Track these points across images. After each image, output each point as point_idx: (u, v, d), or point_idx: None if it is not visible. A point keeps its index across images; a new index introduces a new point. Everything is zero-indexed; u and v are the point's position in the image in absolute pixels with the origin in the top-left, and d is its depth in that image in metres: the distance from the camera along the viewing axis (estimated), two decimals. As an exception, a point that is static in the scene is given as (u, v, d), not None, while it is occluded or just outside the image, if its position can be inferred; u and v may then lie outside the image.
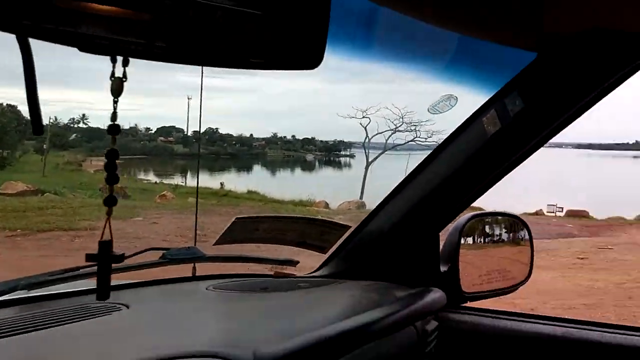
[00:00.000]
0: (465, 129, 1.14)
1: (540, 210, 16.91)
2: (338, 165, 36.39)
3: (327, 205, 16.26)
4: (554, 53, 0.97)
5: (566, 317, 1.35)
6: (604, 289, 7.83)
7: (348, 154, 35.89)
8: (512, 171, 1.16)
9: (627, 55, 0.93)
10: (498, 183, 1.18)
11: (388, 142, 21.12)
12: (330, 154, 37.65)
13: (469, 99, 1.14)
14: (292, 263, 1.43)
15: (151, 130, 35.09)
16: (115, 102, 0.52)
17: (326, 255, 1.42)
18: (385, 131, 20.84)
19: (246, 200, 16.66)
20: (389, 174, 13.79)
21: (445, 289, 1.39)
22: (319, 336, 0.79)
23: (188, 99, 30.77)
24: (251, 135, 37.80)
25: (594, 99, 1.01)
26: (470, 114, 1.12)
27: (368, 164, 20.97)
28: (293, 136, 37.87)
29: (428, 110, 1.13)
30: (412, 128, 20.07)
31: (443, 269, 1.37)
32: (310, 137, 38.10)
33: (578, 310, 6.99)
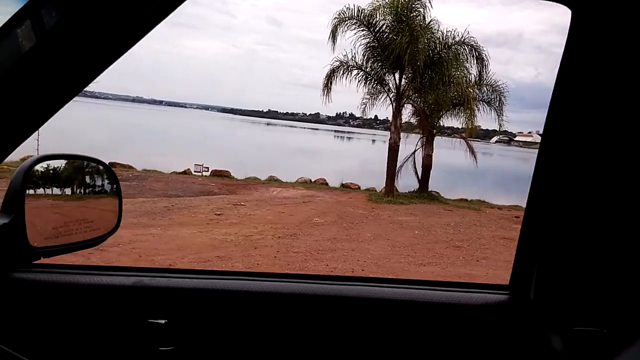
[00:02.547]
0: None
1: (189, 169, 17.63)
2: None
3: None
4: None
5: (144, 266, 1.33)
6: (235, 242, 8.71)
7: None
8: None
9: None
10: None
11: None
12: None
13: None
14: None
15: None
16: None
17: None
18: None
19: None
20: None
21: (7, 244, 1.17)
22: None
23: None
24: None
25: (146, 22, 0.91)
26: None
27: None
28: None
29: None
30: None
31: (3, 221, 1.14)
32: None
33: (212, 262, 7.56)
